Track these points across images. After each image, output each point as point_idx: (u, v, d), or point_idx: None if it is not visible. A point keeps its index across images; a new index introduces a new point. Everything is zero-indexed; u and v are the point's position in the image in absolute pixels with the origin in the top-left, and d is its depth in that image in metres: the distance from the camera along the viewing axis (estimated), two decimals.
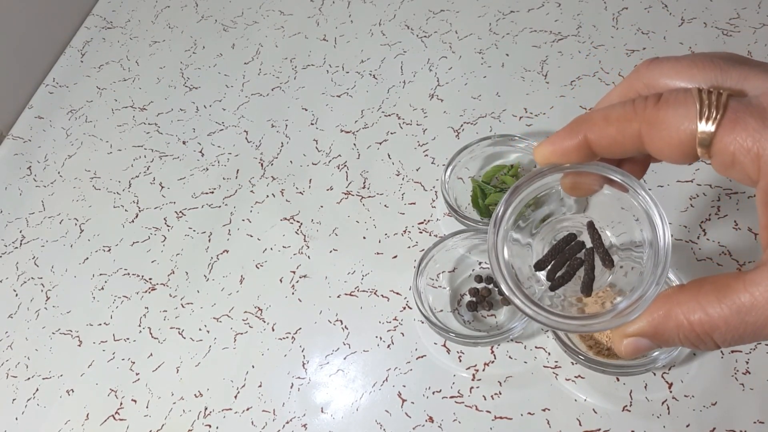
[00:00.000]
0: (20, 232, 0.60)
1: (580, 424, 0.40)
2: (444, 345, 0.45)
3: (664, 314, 0.28)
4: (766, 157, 0.25)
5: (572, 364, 0.42)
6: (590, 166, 0.31)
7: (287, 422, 0.45)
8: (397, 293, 0.48)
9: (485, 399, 0.43)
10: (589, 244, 0.32)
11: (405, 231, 0.51)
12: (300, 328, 0.48)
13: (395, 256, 0.50)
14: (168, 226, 0.57)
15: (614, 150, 0.29)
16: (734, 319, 0.26)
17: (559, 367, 0.43)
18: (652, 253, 0.29)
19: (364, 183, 0.55)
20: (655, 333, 0.29)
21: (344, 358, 0.46)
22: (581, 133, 0.30)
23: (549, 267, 0.32)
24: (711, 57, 0.28)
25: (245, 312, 0.50)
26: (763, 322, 0.26)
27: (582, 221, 0.33)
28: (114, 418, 0.47)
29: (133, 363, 0.50)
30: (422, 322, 0.46)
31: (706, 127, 0.26)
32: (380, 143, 0.57)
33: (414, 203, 0.53)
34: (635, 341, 0.29)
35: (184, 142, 0.62)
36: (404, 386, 0.44)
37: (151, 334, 0.51)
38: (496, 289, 0.46)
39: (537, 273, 0.32)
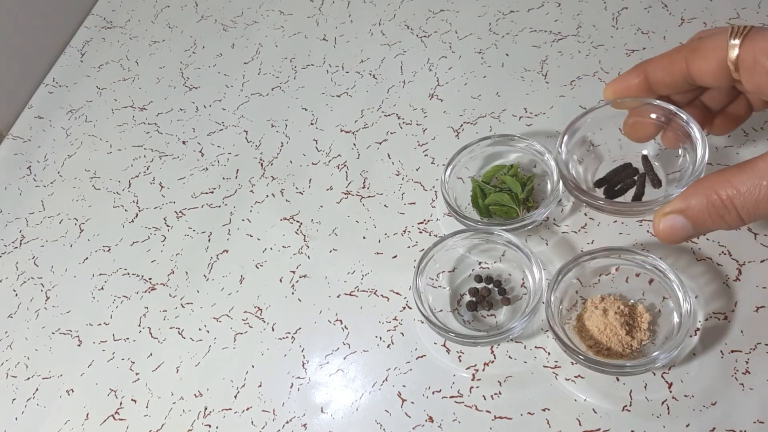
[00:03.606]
0: (20, 232, 0.60)
1: (579, 424, 0.40)
2: (444, 345, 0.45)
3: (694, 190, 0.34)
4: None
5: (572, 364, 0.42)
6: (653, 101, 0.39)
7: (287, 422, 0.45)
8: (397, 293, 0.48)
9: (485, 399, 0.43)
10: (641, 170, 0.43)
11: (405, 231, 0.51)
12: (300, 328, 0.48)
13: (395, 256, 0.50)
14: (168, 226, 0.57)
15: (666, 78, 0.37)
16: (752, 183, 0.32)
17: (559, 367, 0.43)
18: (692, 161, 0.38)
19: (363, 183, 0.55)
20: (688, 207, 0.34)
21: (344, 358, 0.46)
22: (643, 71, 0.38)
23: (607, 185, 0.43)
24: None
25: (245, 312, 0.50)
26: None
27: (638, 152, 0.44)
28: (114, 418, 0.47)
29: (133, 363, 0.50)
30: (422, 322, 0.46)
31: (734, 41, 0.34)
32: (380, 143, 0.57)
33: (414, 203, 0.53)
34: (672, 219, 0.35)
35: (183, 142, 0.62)
36: (404, 386, 0.44)
37: (150, 334, 0.51)
38: (496, 289, 0.46)
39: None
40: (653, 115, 0.41)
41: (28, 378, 0.51)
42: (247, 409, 0.46)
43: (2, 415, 0.49)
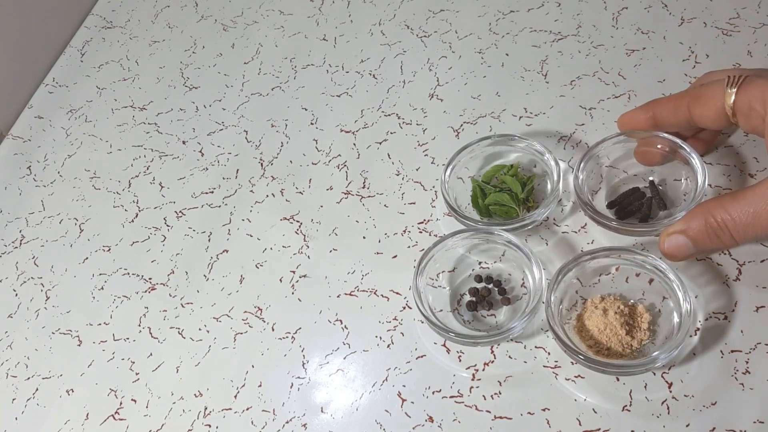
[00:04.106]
0: (20, 231, 0.60)
1: (579, 424, 0.40)
2: (444, 345, 0.45)
3: (694, 213, 0.39)
4: None
5: (572, 364, 0.42)
6: (660, 134, 0.45)
7: (287, 422, 0.45)
8: (397, 293, 0.48)
9: (485, 399, 0.43)
10: (648, 195, 0.47)
11: (405, 231, 0.51)
12: (300, 328, 0.48)
13: (395, 256, 0.50)
14: (168, 225, 0.57)
15: (671, 120, 0.42)
16: (743, 210, 0.36)
17: (559, 367, 0.43)
18: (693, 187, 0.44)
19: (364, 183, 0.55)
20: (689, 228, 0.39)
21: (344, 358, 0.46)
22: (652, 109, 0.44)
23: (618, 207, 0.47)
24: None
25: (245, 312, 0.50)
26: (765, 209, 0.36)
27: (645, 178, 0.48)
28: (114, 418, 0.47)
29: (133, 363, 0.50)
30: (422, 322, 0.46)
31: (730, 90, 0.38)
32: (380, 143, 0.57)
33: (414, 203, 0.53)
34: (675, 238, 0.39)
35: (183, 142, 0.62)
36: (404, 386, 0.44)
37: (150, 333, 0.51)
38: (496, 289, 0.46)
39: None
40: (659, 146, 0.46)
41: (28, 378, 0.51)
42: (247, 409, 0.46)
43: (2, 415, 0.49)
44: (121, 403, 0.48)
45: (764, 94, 0.37)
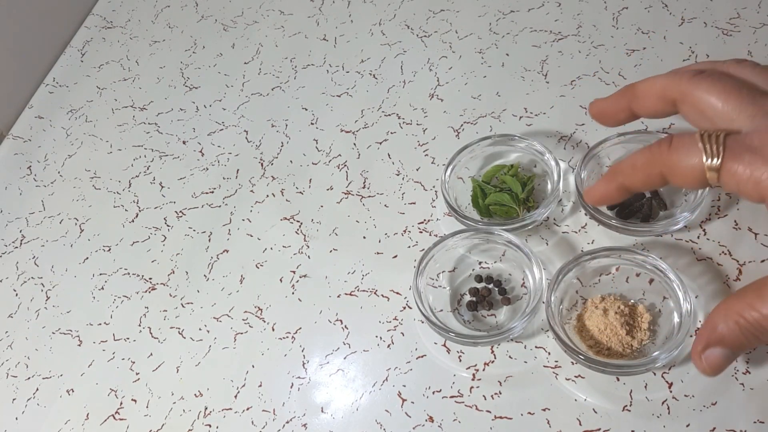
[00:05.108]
0: (20, 231, 0.60)
1: (580, 424, 0.40)
2: (444, 345, 0.45)
3: (722, 318, 0.34)
4: (764, 181, 0.31)
5: (572, 363, 0.42)
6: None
7: (287, 422, 0.45)
8: (397, 293, 0.48)
9: (485, 399, 0.43)
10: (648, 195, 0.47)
11: (405, 231, 0.51)
12: (300, 328, 0.48)
13: (395, 256, 0.50)
14: (168, 225, 0.57)
15: (645, 187, 0.37)
16: None
17: (559, 366, 0.43)
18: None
19: (364, 183, 0.55)
20: (722, 338, 0.35)
21: (344, 358, 0.46)
22: (617, 181, 0.38)
23: (619, 207, 0.47)
24: (739, 89, 0.34)
25: (245, 312, 0.50)
26: None
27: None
28: (114, 418, 0.47)
29: (133, 363, 0.50)
30: (422, 322, 0.46)
31: (712, 163, 0.33)
32: (380, 143, 0.57)
33: (414, 203, 0.53)
34: (711, 353, 0.35)
35: (184, 142, 0.62)
36: (404, 386, 0.44)
37: (151, 333, 0.51)
38: (496, 289, 0.46)
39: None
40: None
41: (29, 378, 0.51)
42: (248, 409, 0.46)
43: (2, 415, 0.49)
44: (121, 403, 0.48)
45: (754, 173, 0.32)
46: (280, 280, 0.51)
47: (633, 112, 0.40)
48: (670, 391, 0.40)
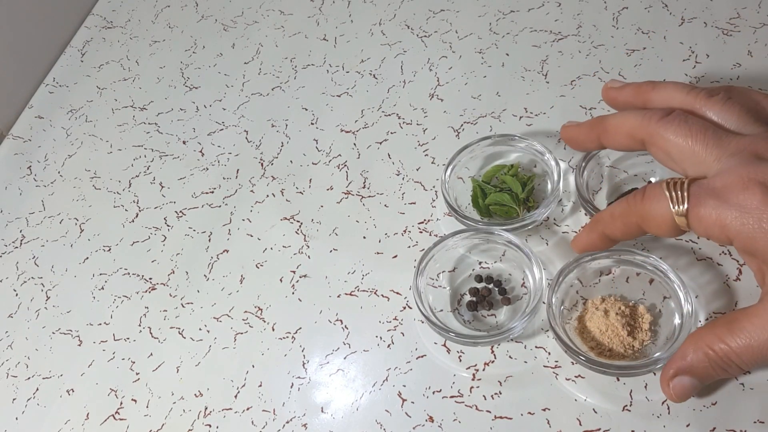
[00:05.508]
0: (20, 231, 0.60)
1: (580, 424, 0.40)
2: (444, 345, 0.45)
3: (692, 348, 0.36)
4: (728, 224, 0.33)
5: (572, 364, 0.42)
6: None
7: (287, 422, 0.45)
8: (397, 293, 0.48)
9: (485, 399, 0.43)
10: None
11: (405, 231, 0.51)
12: (300, 328, 0.48)
13: (395, 256, 0.50)
14: (168, 225, 0.57)
15: (625, 237, 0.39)
16: (742, 342, 0.34)
17: (559, 367, 0.43)
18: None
19: (364, 183, 0.55)
20: (690, 367, 0.36)
21: (344, 358, 0.46)
22: (598, 230, 0.40)
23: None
24: (704, 131, 0.35)
25: (245, 312, 0.50)
26: (765, 343, 0.33)
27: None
28: (114, 418, 0.47)
29: (133, 363, 0.50)
30: (422, 322, 0.46)
31: (679, 209, 0.34)
32: (380, 143, 0.57)
33: (414, 203, 0.53)
34: (679, 381, 0.37)
35: (184, 142, 0.62)
36: (404, 386, 0.44)
37: (151, 333, 0.51)
38: (496, 289, 0.46)
39: None
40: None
41: (28, 378, 0.51)
42: (248, 409, 0.46)
43: (2, 415, 0.49)
44: (121, 403, 0.48)
45: (720, 219, 0.33)
46: (280, 280, 0.51)
47: (602, 145, 0.41)
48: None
